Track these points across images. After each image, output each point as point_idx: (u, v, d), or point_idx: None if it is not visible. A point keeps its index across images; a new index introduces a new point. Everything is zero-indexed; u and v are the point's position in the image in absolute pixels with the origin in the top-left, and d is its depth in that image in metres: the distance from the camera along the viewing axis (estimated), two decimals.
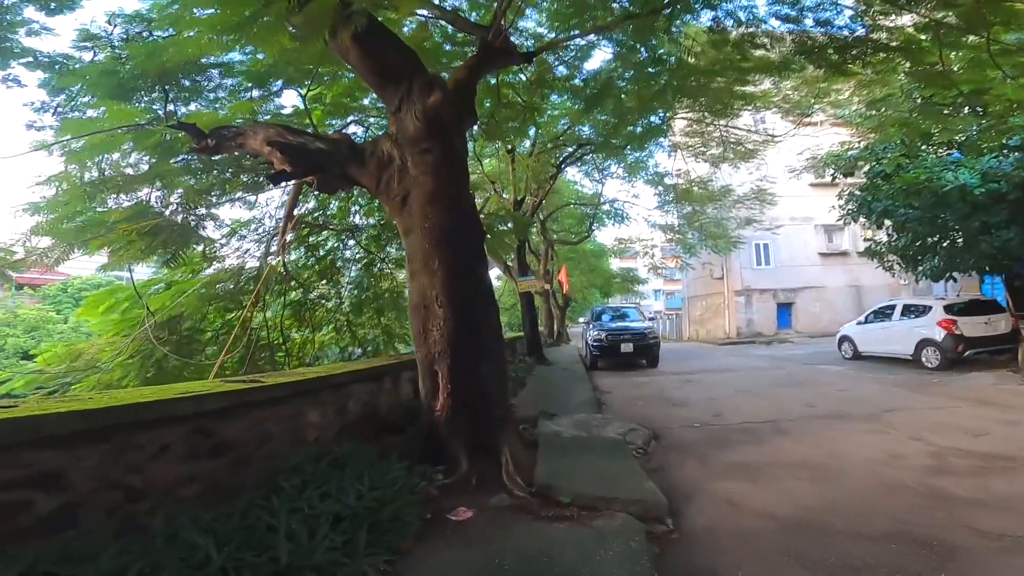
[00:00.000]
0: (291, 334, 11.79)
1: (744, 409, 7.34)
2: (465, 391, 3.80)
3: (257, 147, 4.51)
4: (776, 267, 23.78)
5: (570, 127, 13.07)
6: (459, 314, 3.80)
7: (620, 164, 20.94)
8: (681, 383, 10.30)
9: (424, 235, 3.91)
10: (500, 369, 4.14)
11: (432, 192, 4.01)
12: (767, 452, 5.15)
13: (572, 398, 8.12)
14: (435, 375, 3.82)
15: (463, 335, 3.79)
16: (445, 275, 3.82)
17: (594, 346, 12.89)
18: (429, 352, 3.82)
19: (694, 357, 16.47)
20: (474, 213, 4.31)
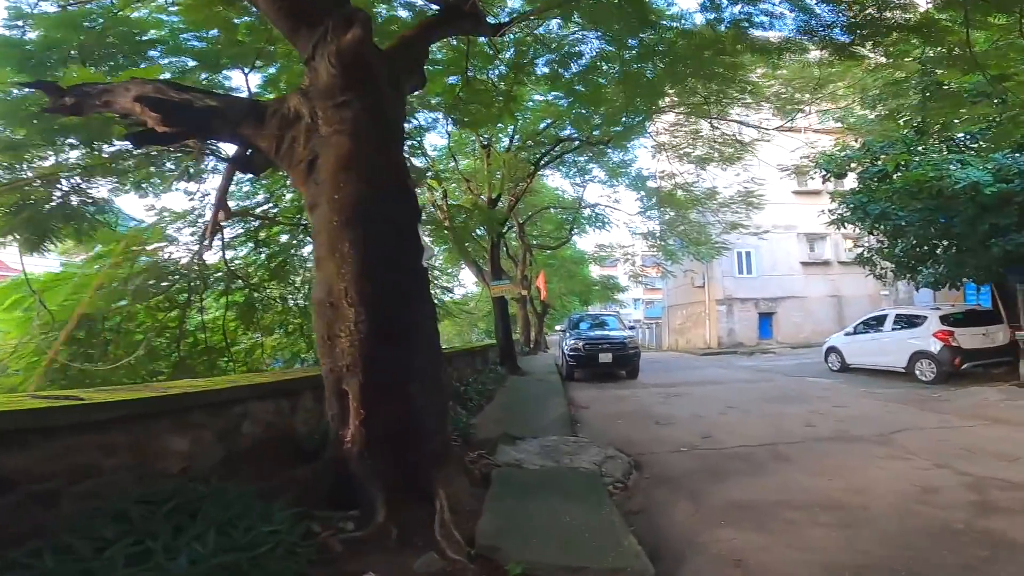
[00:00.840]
0: (237, 338, 10.66)
1: (737, 429, 6.45)
2: (385, 417, 2.81)
3: (127, 105, 3.48)
4: (758, 276, 23.29)
5: (552, 124, 12.25)
6: (377, 316, 2.80)
7: (601, 167, 20.30)
8: (664, 397, 9.42)
9: (332, 209, 2.91)
10: (436, 390, 3.13)
11: (347, 155, 3.02)
12: (772, 486, 4.24)
13: (544, 415, 7.15)
14: (343, 396, 2.82)
15: (383, 344, 2.80)
16: (359, 263, 2.82)
17: (571, 356, 11.96)
18: (335, 365, 2.82)
19: (676, 368, 15.67)
20: (405, 186, 3.30)
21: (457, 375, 9.25)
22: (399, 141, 3.63)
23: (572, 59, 8.55)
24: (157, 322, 9.55)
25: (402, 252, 3.03)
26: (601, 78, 9.51)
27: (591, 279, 27.78)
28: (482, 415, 7.09)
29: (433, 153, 14.11)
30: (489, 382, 9.71)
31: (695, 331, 25.28)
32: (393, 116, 3.63)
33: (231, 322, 10.16)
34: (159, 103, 3.39)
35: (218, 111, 3.47)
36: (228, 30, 6.21)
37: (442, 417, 3.15)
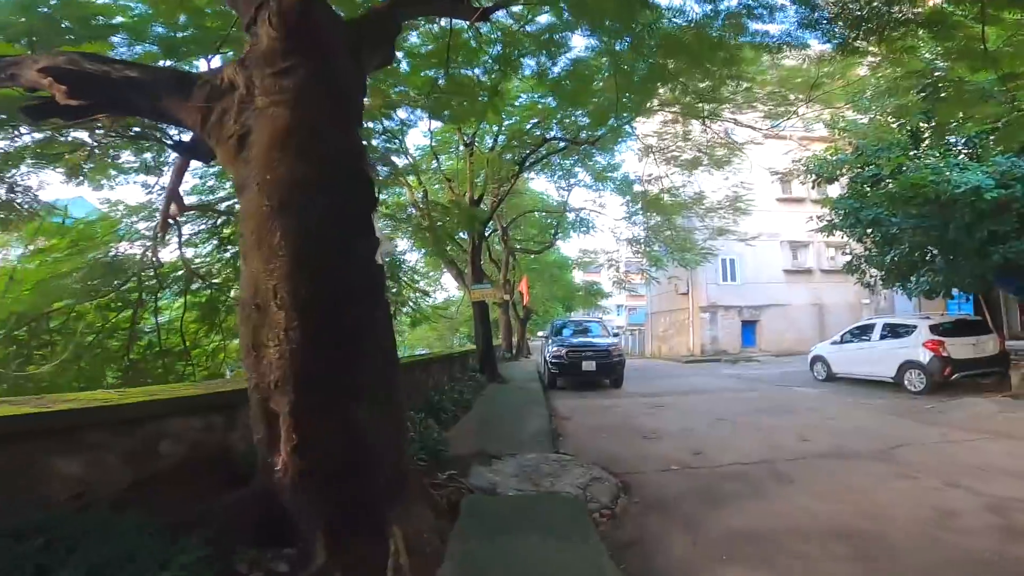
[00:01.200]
0: (199, 341, 10.03)
1: (729, 444, 6.04)
2: (325, 444, 2.29)
3: (33, 77, 2.93)
4: (742, 283, 23.17)
5: (538, 124, 11.85)
6: (314, 321, 2.27)
7: (587, 171, 19.98)
8: (650, 408, 8.99)
9: (262, 192, 2.38)
10: (391, 409, 2.59)
11: (285, 129, 2.49)
12: (776, 511, 3.81)
13: (524, 427, 6.66)
14: (272, 417, 2.29)
15: (321, 356, 2.27)
16: (292, 257, 2.28)
17: (553, 363, 11.49)
18: (262, 381, 2.29)
19: (660, 376, 15.31)
20: (359, 170, 2.76)
21: (433, 382, 8.72)
22: (354, 119, 3.11)
23: (560, 51, 8.16)
24: (108, 323, 8.87)
25: (349, 246, 2.50)
26: (590, 73, 9.15)
27: (574, 284, 27.44)
28: (457, 427, 6.57)
29: (415, 152, 13.66)
30: (467, 391, 9.19)
31: (678, 338, 25.05)
32: (348, 89, 3.12)
33: (191, 324, 9.52)
34: (68, 74, 2.85)
35: (137, 82, 2.93)
36: (196, 15, 5.70)
37: (398, 442, 2.62)
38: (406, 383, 7.16)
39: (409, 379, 7.07)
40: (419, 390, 7.47)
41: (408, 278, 10.94)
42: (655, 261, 19.77)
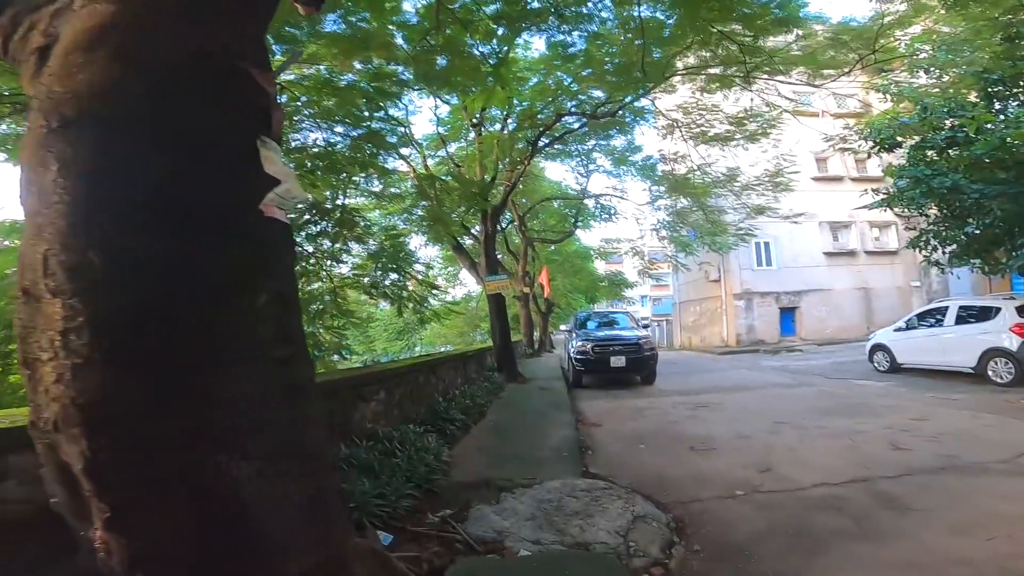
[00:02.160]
0: None
1: (803, 456, 4.85)
2: (171, 518, 1.24)
3: None
4: (778, 268, 21.57)
5: (551, 102, 10.70)
6: (128, 317, 1.18)
7: (606, 154, 18.73)
8: (692, 409, 7.81)
9: (43, 109, 1.30)
10: (305, 466, 1.47)
11: (99, 27, 1.38)
12: (905, 558, 2.66)
13: (544, 439, 5.57)
14: (66, 473, 1.26)
15: (137, 377, 1.18)
16: (75, 204, 1.19)
17: (578, 360, 10.36)
18: (38, 416, 1.24)
19: (695, 370, 14.02)
20: (232, 68, 1.57)
21: (443, 386, 7.70)
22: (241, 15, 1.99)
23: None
24: None
25: (199, 185, 1.37)
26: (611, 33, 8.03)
27: (597, 275, 26.17)
28: (465, 442, 5.51)
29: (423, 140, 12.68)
30: (482, 394, 8.14)
31: (710, 328, 23.58)
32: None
33: None
34: None
35: None
36: None
37: (323, 514, 1.54)
38: (404, 391, 6.16)
39: (408, 387, 6.06)
40: (422, 398, 6.45)
41: (418, 271, 9.93)
42: (683, 247, 18.40)
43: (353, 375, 5.09)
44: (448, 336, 26.80)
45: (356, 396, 4.83)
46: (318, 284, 10.38)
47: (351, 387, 4.79)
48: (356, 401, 4.82)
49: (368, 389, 5.07)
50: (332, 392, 4.37)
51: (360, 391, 4.93)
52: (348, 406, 4.67)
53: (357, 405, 4.82)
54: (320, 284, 10.49)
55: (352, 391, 4.79)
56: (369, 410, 5.06)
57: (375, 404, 5.22)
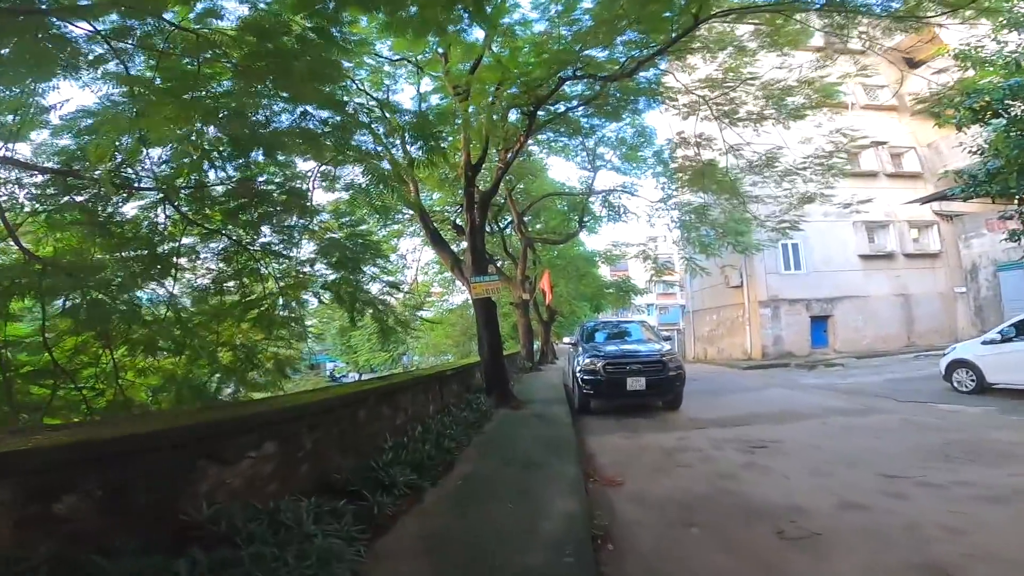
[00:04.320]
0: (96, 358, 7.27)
1: (988, 543, 2.71)
2: None
3: None
4: (808, 272, 19.34)
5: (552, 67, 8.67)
6: None
7: (614, 146, 16.72)
8: (745, 450, 5.66)
9: None
10: None
11: None
12: None
13: (537, 518, 3.44)
14: None
15: None
16: None
17: (585, 381, 8.21)
18: None
19: (723, 388, 11.82)
20: None
21: (402, 420, 5.60)
22: None
23: None
24: None
25: None
26: None
27: (603, 281, 24.01)
28: (405, 527, 3.37)
29: None
30: (458, 428, 6.02)
31: (730, 339, 21.33)
32: None
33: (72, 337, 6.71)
34: None
35: None
36: None
37: None
38: (328, 435, 3.93)
39: (334, 428, 3.94)
40: (357, 443, 4.34)
41: (382, 268, 7.85)
42: (704, 248, 16.25)
43: (202, 420, 3.00)
44: (444, 347, 24.70)
45: (200, 454, 2.76)
46: (259, 287, 8.36)
47: (194, 439, 2.73)
48: (200, 461, 2.75)
49: (230, 443, 2.98)
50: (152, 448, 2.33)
51: (213, 445, 2.86)
52: (180, 472, 2.62)
53: (201, 469, 2.75)
54: (262, 287, 8.46)
55: (195, 447, 2.72)
56: (231, 475, 2.97)
57: (249, 464, 3.13)
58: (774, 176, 12.89)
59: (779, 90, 12.14)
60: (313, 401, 3.79)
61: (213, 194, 7.50)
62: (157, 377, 7.33)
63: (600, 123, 15.32)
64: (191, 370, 7.50)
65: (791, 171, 12.70)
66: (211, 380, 7.84)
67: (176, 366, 7.67)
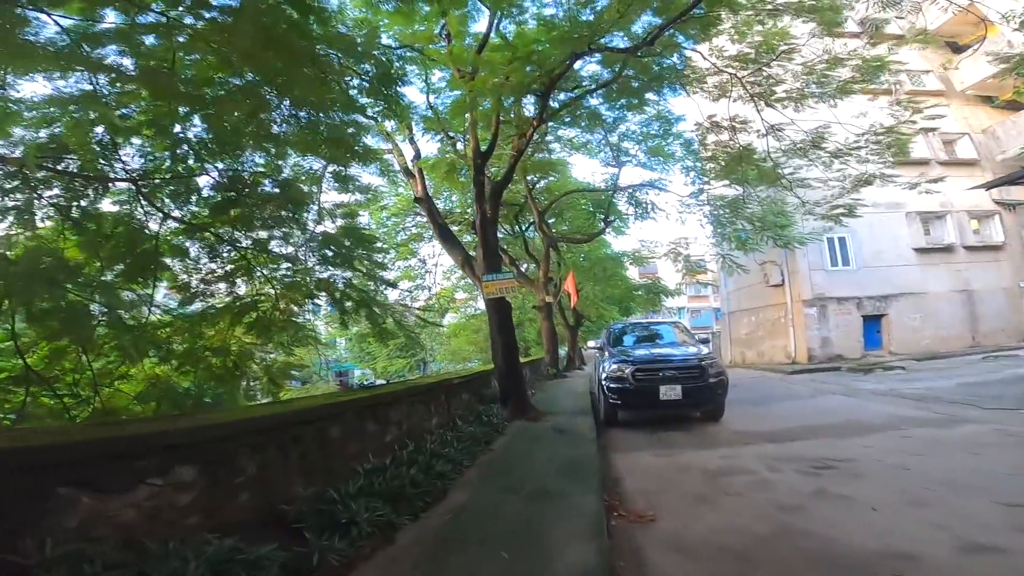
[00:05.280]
0: None
1: None
2: None
3: None
4: (858, 268, 17.75)
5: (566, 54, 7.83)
6: None
7: (639, 139, 15.72)
8: (808, 471, 4.60)
9: None
10: None
11: None
12: None
13: (538, 566, 2.53)
14: None
15: None
16: None
17: (612, 390, 7.22)
18: None
19: (769, 396, 10.58)
20: None
21: (392, 438, 4.78)
22: None
23: None
24: None
25: None
26: None
27: (631, 283, 22.82)
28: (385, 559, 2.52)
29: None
30: (460, 446, 5.16)
31: (771, 342, 19.83)
32: None
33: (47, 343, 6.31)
34: None
35: None
36: None
37: None
38: (284, 457, 3.06)
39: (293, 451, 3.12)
40: (326, 467, 3.51)
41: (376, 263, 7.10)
42: (741, 244, 14.97)
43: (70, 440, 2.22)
44: (466, 353, 23.91)
45: (63, 481, 2.00)
46: (253, 288, 7.74)
47: (53, 464, 1.99)
48: (62, 489, 1.99)
49: (116, 468, 2.22)
50: None
51: (85, 470, 2.11)
52: (27, 502, 1.87)
53: (63, 499, 1.99)
54: (255, 288, 7.84)
55: (55, 472, 1.97)
56: (119, 506, 2.21)
57: (150, 493, 2.36)
58: (823, 158, 11.61)
59: (823, 63, 10.98)
60: (253, 417, 2.98)
61: (197, 188, 6.92)
62: (138, 384, 6.77)
63: (622, 115, 14.44)
64: (172, 378, 6.90)
65: (843, 151, 11.40)
66: (195, 388, 7.23)
67: (165, 373, 7.11)
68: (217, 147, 6.51)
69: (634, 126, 15.37)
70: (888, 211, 17.56)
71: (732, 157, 12.03)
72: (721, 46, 11.46)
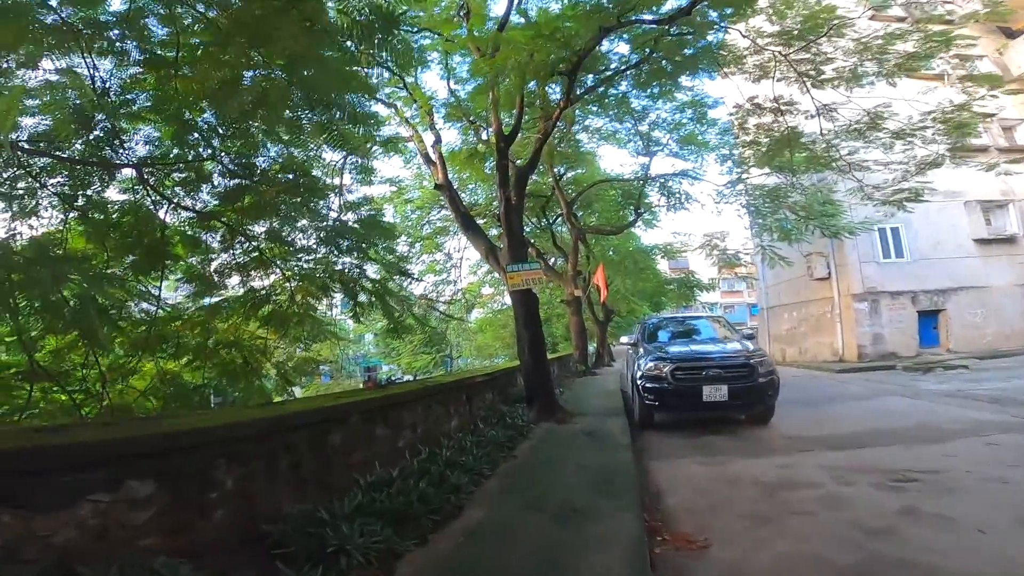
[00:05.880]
0: None
1: None
2: None
3: None
4: (913, 260, 16.48)
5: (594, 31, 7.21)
6: None
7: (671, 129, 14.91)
8: (892, 488, 3.90)
9: None
10: None
11: None
12: None
13: None
14: None
15: None
16: None
17: (648, 389, 6.58)
18: None
19: (820, 397, 9.71)
20: None
21: (406, 442, 4.31)
22: None
23: None
24: None
25: None
26: None
27: (663, 277, 21.91)
28: None
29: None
30: (481, 452, 4.65)
31: (815, 338, 18.67)
32: None
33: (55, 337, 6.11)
34: None
35: None
36: None
37: None
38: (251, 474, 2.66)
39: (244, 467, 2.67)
40: (303, 485, 3.05)
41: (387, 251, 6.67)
42: (784, 234, 13.98)
43: None
44: (493, 349, 23.43)
45: None
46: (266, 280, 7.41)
47: None
48: None
49: (45, 482, 1.80)
50: None
51: (4, 485, 1.67)
52: None
53: None
54: (267, 280, 7.52)
55: None
56: (55, 524, 1.81)
57: (94, 510, 1.95)
58: (883, 139, 10.62)
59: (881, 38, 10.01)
60: (229, 424, 2.53)
61: (207, 175, 6.61)
62: (147, 380, 6.51)
63: (651, 104, 13.73)
64: (182, 374, 6.63)
65: (907, 131, 10.38)
66: (210, 385, 6.94)
67: (175, 368, 6.86)
68: (225, 131, 6.18)
69: (665, 114, 14.63)
70: (946, 200, 16.20)
71: (777, 140, 11.14)
72: (759, 26, 10.65)
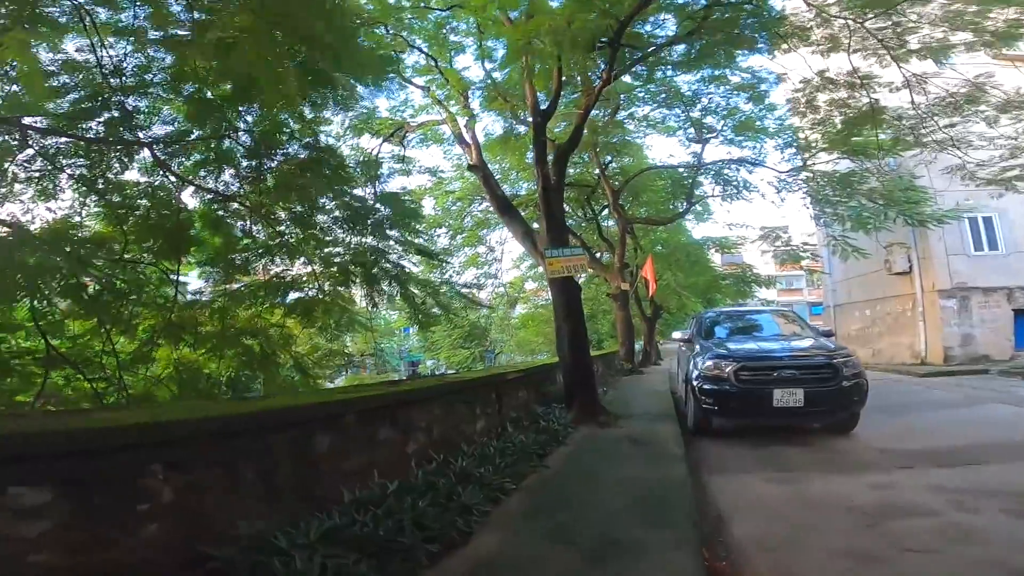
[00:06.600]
0: None
1: None
2: None
3: None
4: (1008, 253, 14.48)
5: None
6: None
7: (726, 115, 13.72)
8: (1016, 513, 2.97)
9: None
10: None
11: None
12: None
13: None
14: None
15: None
16: None
17: (706, 391, 5.70)
18: None
19: (907, 404, 8.38)
20: None
21: (420, 445, 3.74)
22: None
23: None
24: None
25: None
26: None
27: (717, 271, 20.51)
28: None
29: None
30: (505, 460, 4.01)
31: (892, 339, 16.87)
32: None
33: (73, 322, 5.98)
34: None
35: None
36: None
37: None
38: None
39: None
40: (280, 497, 2.49)
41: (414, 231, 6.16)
42: (861, 223, 12.48)
43: None
44: (532, 345, 22.75)
45: None
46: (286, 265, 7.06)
47: None
48: None
49: None
50: None
51: None
52: None
53: None
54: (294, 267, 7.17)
55: None
56: None
57: None
58: (987, 113, 9.17)
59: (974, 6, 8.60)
60: (162, 422, 1.99)
61: (229, 155, 6.32)
62: (163, 368, 6.29)
63: (702, 89, 12.69)
64: (200, 363, 6.37)
65: (1013, 104, 8.90)
66: (231, 375, 6.67)
67: (191, 357, 6.65)
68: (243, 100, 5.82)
69: (718, 98, 13.47)
70: None
71: (855, 117, 9.85)
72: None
